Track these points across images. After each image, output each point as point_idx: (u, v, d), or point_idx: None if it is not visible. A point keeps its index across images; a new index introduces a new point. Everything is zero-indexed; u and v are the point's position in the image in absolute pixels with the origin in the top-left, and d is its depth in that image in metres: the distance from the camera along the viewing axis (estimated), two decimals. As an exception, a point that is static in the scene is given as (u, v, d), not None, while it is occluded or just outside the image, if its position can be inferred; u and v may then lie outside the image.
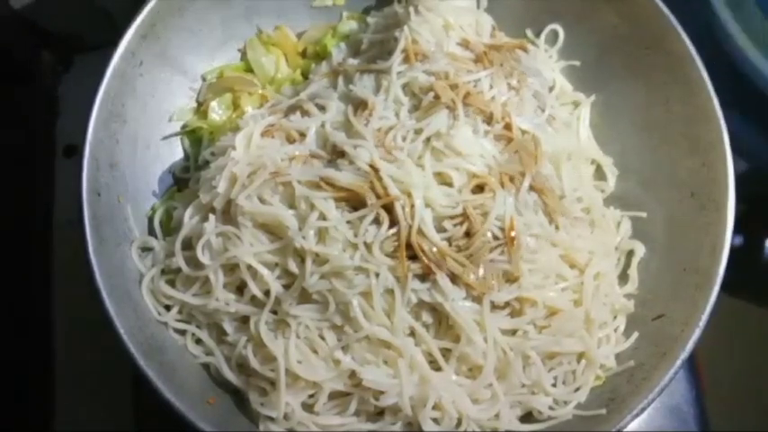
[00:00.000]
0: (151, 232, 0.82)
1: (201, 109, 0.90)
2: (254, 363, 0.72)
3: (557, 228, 0.78)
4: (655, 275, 0.82)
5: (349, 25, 0.93)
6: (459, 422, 0.71)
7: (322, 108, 0.81)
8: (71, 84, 1.06)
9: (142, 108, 0.84)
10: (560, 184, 0.81)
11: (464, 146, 0.75)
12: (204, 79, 0.91)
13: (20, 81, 1.09)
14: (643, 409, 0.71)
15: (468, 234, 0.73)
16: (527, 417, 0.75)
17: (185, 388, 0.71)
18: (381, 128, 0.76)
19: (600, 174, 0.89)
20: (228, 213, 0.74)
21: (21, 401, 0.97)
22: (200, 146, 0.86)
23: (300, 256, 0.72)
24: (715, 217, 0.78)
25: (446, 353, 0.72)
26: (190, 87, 0.90)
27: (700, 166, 0.81)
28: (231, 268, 0.74)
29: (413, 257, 0.71)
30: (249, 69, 0.92)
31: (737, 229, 0.77)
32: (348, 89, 0.82)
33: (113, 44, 0.79)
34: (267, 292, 0.72)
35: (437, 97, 0.77)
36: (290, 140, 0.78)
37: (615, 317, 0.80)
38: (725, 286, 0.75)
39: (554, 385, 0.75)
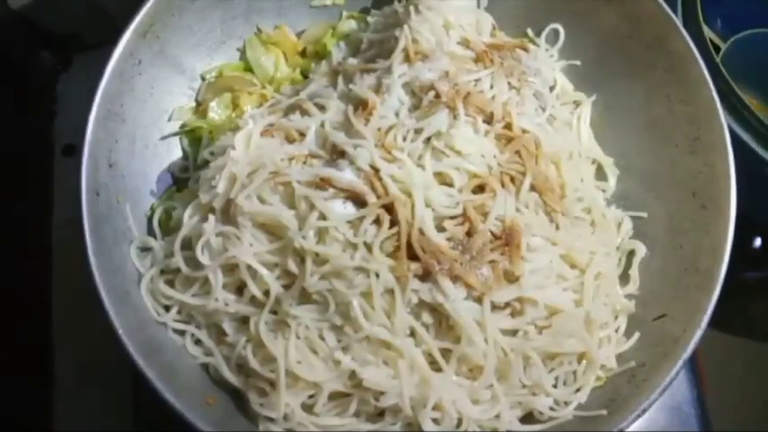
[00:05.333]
0: (150, 232, 0.81)
1: (201, 108, 0.89)
2: (254, 363, 0.71)
3: (557, 228, 0.78)
4: (656, 276, 0.81)
5: (349, 24, 0.93)
6: (460, 423, 0.71)
7: (322, 108, 0.80)
8: (70, 83, 1.06)
9: (141, 107, 0.83)
10: (561, 183, 0.81)
11: (464, 146, 0.75)
12: (203, 78, 0.91)
13: (18, 80, 1.09)
14: (644, 410, 0.71)
15: (468, 234, 0.73)
16: (527, 417, 0.75)
17: (185, 388, 0.71)
18: (381, 127, 0.76)
19: (601, 174, 0.89)
20: (228, 213, 0.74)
21: (21, 401, 0.97)
22: (200, 145, 0.86)
23: (300, 256, 0.71)
24: (716, 217, 0.78)
25: (446, 353, 0.72)
26: (189, 87, 0.90)
27: (701, 165, 0.81)
28: (231, 268, 0.73)
29: (413, 257, 0.70)
30: (248, 69, 0.92)
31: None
32: (348, 88, 0.81)
33: (112, 43, 0.79)
34: (267, 293, 0.72)
35: (437, 96, 0.77)
36: (290, 140, 0.78)
37: (616, 317, 0.80)
38: (726, 286, 0.75)
39: (555, 386, 0.75)
